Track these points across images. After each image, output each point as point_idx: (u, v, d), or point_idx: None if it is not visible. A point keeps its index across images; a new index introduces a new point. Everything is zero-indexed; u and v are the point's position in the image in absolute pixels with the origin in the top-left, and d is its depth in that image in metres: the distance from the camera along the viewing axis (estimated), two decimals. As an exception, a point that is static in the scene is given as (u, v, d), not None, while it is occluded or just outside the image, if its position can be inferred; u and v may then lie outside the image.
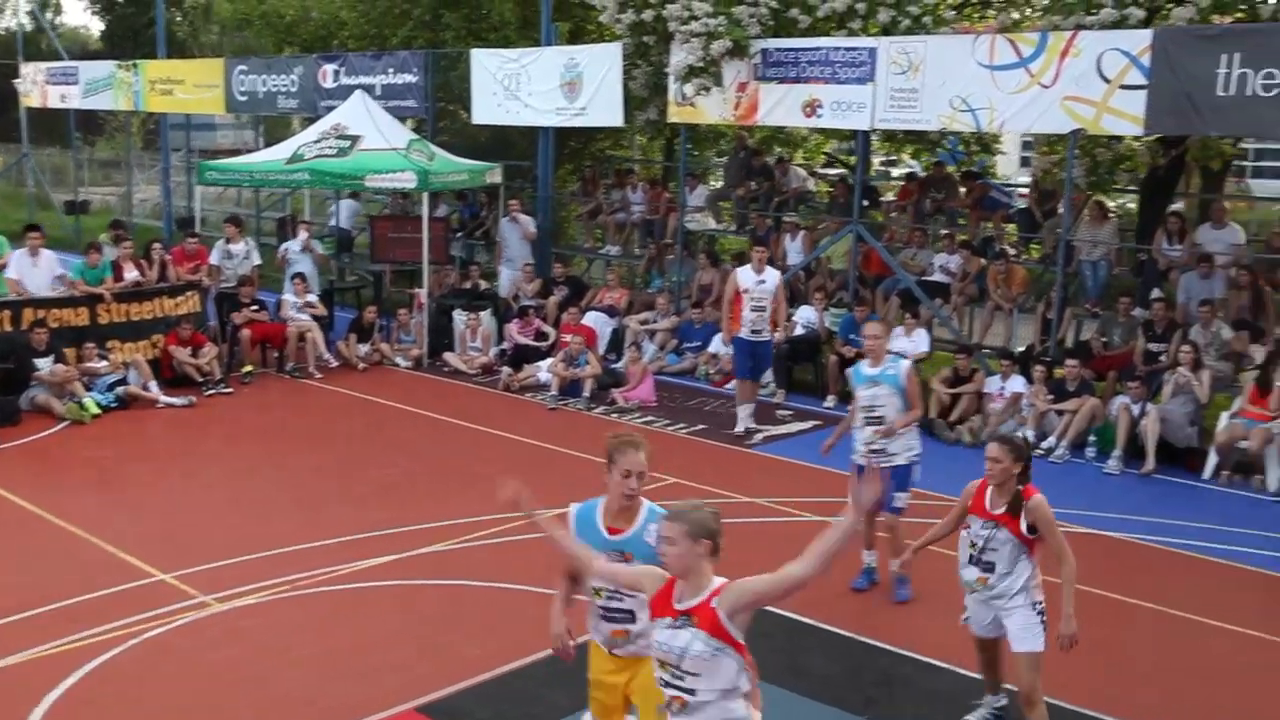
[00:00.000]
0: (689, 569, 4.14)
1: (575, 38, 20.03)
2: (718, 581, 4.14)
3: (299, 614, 8.03)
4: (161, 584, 8.44)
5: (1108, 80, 12.25)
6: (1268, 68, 11.22)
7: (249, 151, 20.61)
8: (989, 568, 6.14)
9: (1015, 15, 15.25)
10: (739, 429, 12.66)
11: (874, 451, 8.25)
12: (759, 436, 12.63)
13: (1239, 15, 12.65)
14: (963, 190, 16.83)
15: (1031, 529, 6.06)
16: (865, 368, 8.52)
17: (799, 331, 14.87)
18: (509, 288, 17.50)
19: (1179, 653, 7.83)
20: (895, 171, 23.41)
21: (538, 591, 8.40)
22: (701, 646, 4.06)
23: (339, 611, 8.09)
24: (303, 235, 16.94)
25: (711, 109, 15.54)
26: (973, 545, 6.19)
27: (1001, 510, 6.08)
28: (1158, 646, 7.91)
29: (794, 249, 16.35)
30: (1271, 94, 11.21)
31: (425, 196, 16.34)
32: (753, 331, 12.42)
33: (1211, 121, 11.90)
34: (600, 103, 16.66)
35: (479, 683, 7.01)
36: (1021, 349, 14.16)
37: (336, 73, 20.12)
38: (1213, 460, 11.72)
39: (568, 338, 14.69)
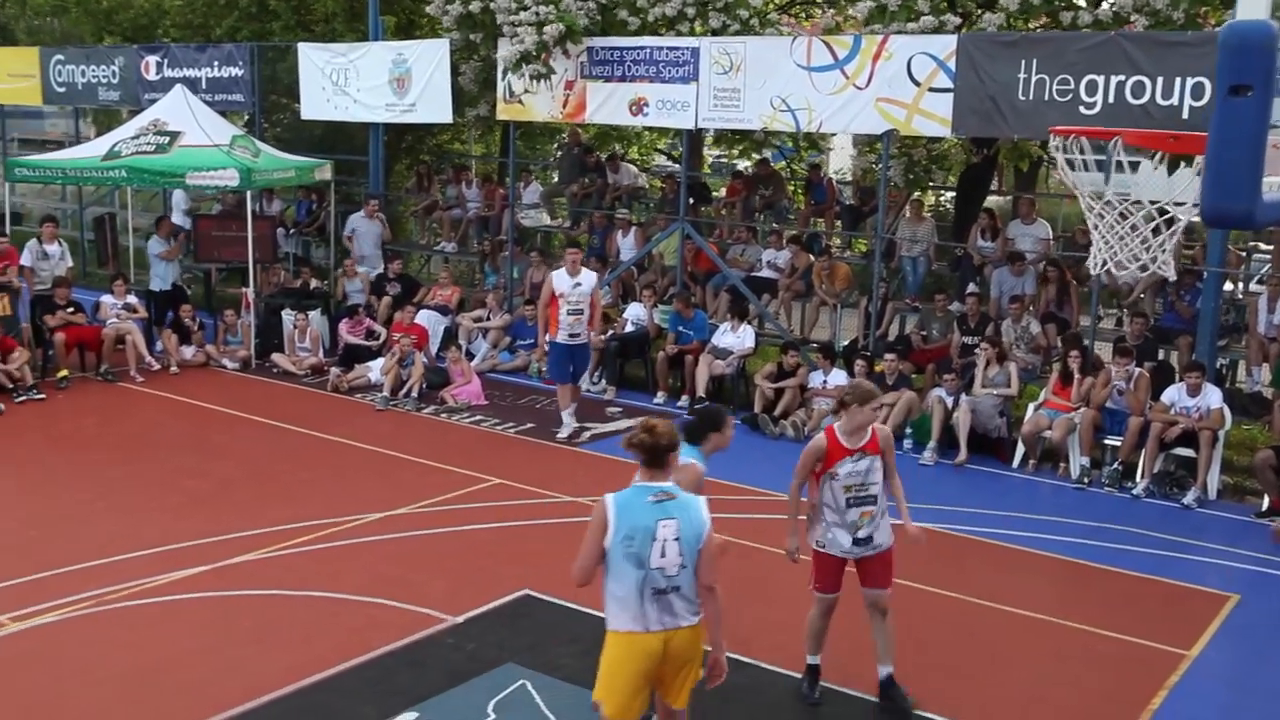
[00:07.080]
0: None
1: (406, 32, 19.81)
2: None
3: (105, 631, 7.80)
4: (-46, 605, 8.13)
5: (918, 83, 12.67)
6: (1062, 74, 11.76)
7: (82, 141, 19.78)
8: None
9: (838, 19, 15.55)
10: (563, 434, 12.60)
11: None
12: (586, 435, 12.67)
13: (1044, 24, 13.19)
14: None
15: None
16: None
17: (629, 329, 15.03)
18: (364, 287, 16.89)
19: (969, 638, 8.16)
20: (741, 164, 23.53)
21: (352, 599, 8.37)
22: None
23: (148, 626, 7.89)
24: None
25: (540, 106, 15.56)
26: None
27: None
28: (952, 632, 8.23)
29: (626, 245, 16.52)
30: (1065, 99, 11.75)
31: (249, 195, 15.99)
32: (570, 335, 12.39)
33: (1013, 124, 12.39)
34: (429, 99, 16.56)
35: (282, 696, 6.93)
36: (846, 343, 14.55)
37: (159, 64, 19.51)
38: (1020, 450, 12.25)
39: (398, 337, 14.56)
